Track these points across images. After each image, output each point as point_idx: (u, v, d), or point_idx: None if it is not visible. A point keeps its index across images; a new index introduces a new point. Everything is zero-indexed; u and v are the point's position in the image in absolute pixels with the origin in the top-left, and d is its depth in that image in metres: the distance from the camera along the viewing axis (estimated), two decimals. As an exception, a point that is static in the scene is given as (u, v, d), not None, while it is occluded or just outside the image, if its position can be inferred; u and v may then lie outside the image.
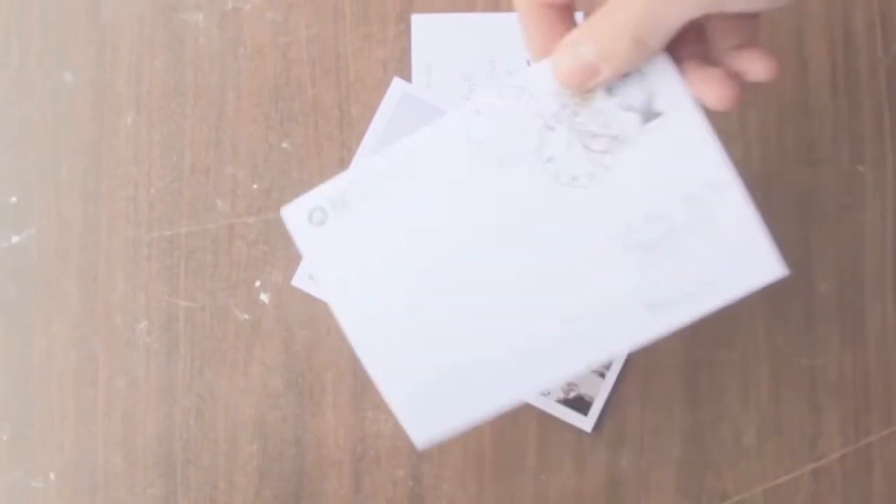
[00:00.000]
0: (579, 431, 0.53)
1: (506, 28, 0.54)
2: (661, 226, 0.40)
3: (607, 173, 0.40)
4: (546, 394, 0.53)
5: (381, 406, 0.54)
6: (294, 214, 0.42)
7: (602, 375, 0.53)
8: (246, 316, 0.54)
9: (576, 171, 0.40)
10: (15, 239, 0.55)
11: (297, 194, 0.53)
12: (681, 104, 0.39)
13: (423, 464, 0.53)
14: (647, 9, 0.33)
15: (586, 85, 0.36)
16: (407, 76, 0.54)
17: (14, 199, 0.55)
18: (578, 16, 0.37)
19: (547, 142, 0.40)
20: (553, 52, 0.36)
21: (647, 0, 0.33)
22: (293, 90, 0.55)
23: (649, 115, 0.39)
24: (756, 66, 0.37)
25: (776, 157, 0.54)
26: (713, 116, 0.37)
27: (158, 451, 0.54)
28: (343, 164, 0.54)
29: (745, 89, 0.36)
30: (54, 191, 0.55)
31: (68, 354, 0.54)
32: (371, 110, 0.54)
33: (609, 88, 0.38)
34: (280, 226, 0.54)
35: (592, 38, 0.34)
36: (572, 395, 0.53)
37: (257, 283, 0.54)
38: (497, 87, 0.40)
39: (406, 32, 0.55)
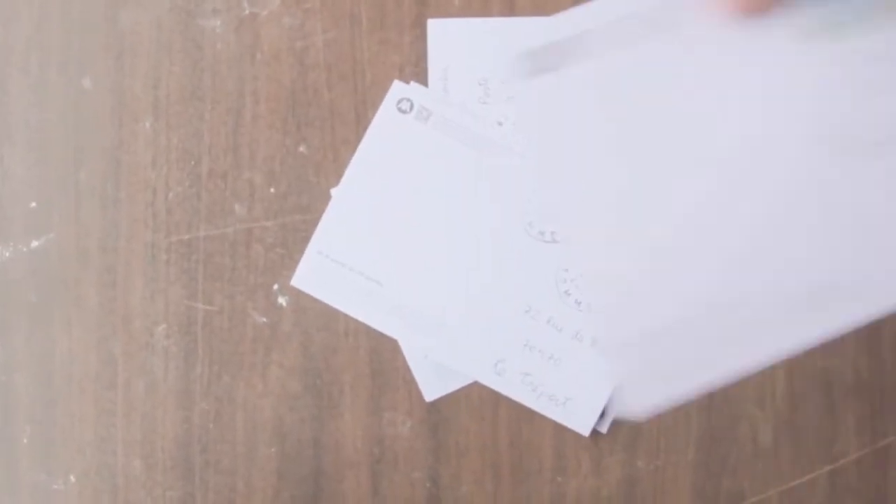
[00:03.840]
0: (595, 433, 0.53)
1: (522, 32, 0.55)
2: None
3: None
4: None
5: (398, 408, 0.54)
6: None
7: (618, 377, 0.54)
8: (264, 319, 0.54)
9: None
10: (34, 243, 0.55)
11: (314, 198, 0.54)
12: None
13: (440, 465, 0.54)
14: None
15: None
16: (423, 81, 0.55)
17: (34, 204, 0.55)
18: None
19: None
20: None
21: None
22: (310, 95, 0.55)
23: None
24: None
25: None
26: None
27: (177, 453, 0.54)
28: (360, 167, 0.54)
29: None
30: (73, 195, 0.55)
31: (88, 358, 0.55)
32: (387, 114, 0.55)
33: None
34: (297, 229, 0.54)
35: None
36: (588, 397, 0.54)
37: (275, 287, 0.54)
38: None
39: (422, 37, 0.55)
